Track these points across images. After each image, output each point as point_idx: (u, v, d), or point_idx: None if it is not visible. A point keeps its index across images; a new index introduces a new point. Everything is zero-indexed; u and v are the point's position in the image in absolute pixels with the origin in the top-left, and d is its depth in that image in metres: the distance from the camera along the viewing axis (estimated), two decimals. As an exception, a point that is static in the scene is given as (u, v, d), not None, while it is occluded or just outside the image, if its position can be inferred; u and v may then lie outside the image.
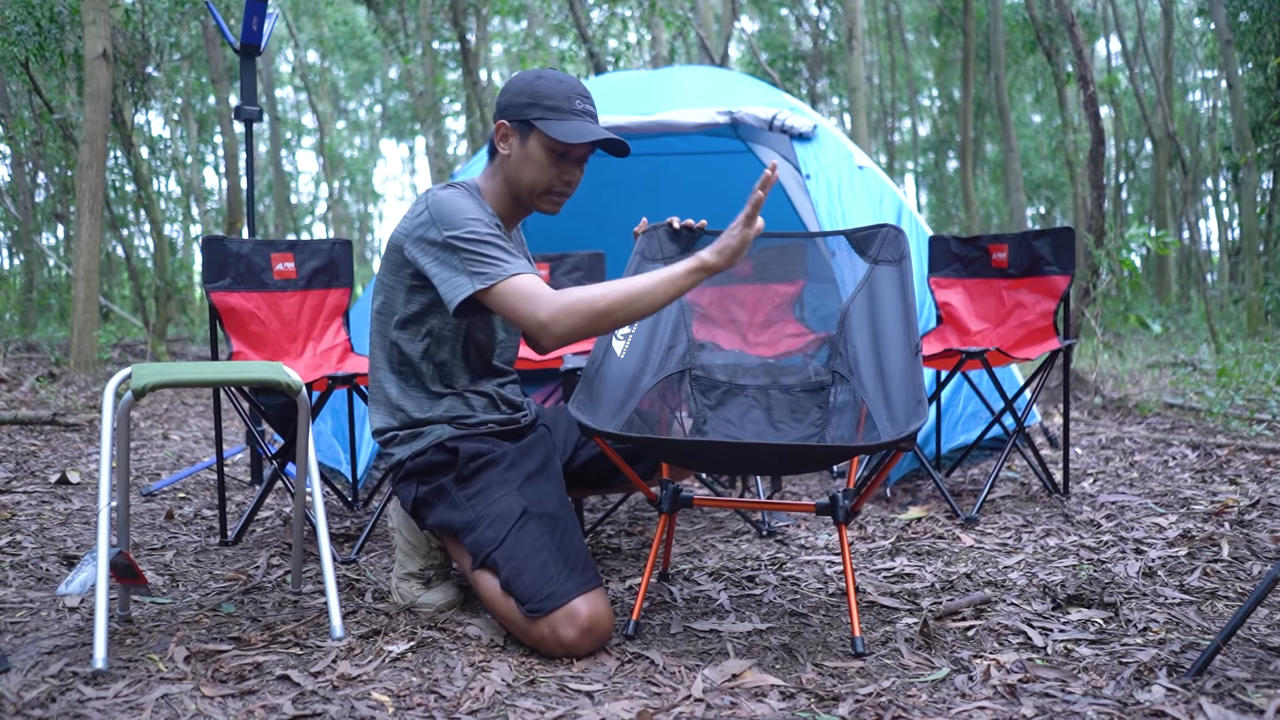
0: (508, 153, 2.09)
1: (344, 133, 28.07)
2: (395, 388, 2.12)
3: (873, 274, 2.27)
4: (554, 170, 2.07)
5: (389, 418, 2.13)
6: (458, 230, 1.95)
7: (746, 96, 4.81)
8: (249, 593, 2.32)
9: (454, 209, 1.99)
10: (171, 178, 14.43)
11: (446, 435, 2.07)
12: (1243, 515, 2.82)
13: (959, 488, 3.42)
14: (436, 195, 2.03)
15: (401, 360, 2.11)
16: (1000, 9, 15.50)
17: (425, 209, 2.01)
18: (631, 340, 2.19)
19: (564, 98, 2.05)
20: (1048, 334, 3.19)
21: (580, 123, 2.05)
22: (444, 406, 2.11)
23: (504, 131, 2.09)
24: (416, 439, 2.09)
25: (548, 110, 2.04)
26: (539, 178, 2.07)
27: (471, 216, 1.98)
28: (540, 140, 2.05)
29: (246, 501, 3.42)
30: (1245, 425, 4.32)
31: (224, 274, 2.83)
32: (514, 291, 1.90)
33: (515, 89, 2.08)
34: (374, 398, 2.17)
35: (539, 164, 2.06)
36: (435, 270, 1.96)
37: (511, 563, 1.89)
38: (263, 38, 3.60)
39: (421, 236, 1.99)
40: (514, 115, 2.06)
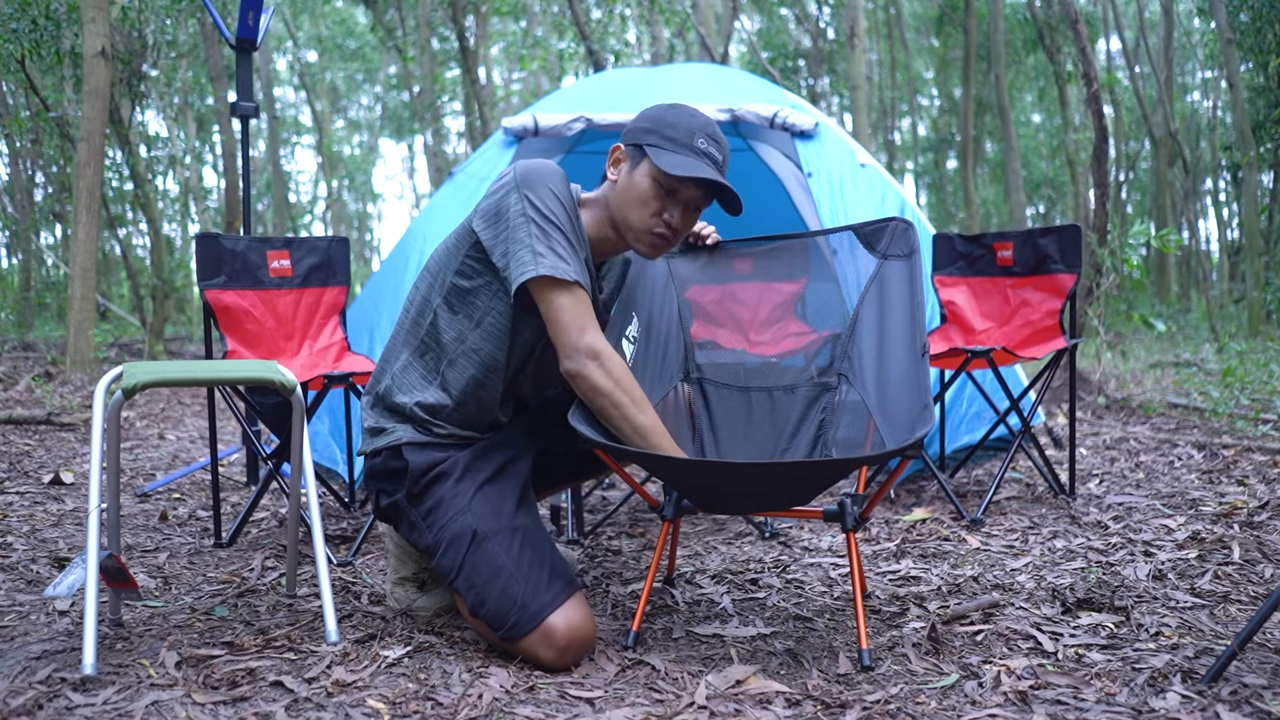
0: (615, 179, 1.96)
1: (342, 131, 28.03)
2: (409, 353, 1.98)
3: (882, 270, 2.23)
4: (656, 205, 1.91)
5: (377, 380, 2.01)
6: (536, 201, 1.81)
7: (747, 94, 4.77)
8: (243, 596, 2.27)
9: (542, 178, 1.84)
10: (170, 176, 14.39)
11: (404, 439, 1.94)
12: (1252, 517, 2.78)
13: (963, 488, 3.38)
14: (527, 161, 1.88)
15: (431, 330, 1.95)
16: (1001, 8, 15.46)
17: (511, 171, 1.87)
18: (639, 344, 2.15)
19: (686, 131, 1.90)
20: (1053, 333, 3.15)
21: (692, 159, 1.90)
22: (427, 395, 1.95)
23: (617, 155, 1.96)
24: (378, 436, 1.97)
25: (665, 140, 1.90)
26: (639, 212, 1.91)
27: (556, 194, 1.84)
28: (648, 170, 1.91)
29: (242, 502, 3.38)
30: (1251, 425, 4.28)
31: (218, 272, 2.79)
32: (571, 300, 1.79)
33: (644, 115, 1.95)
34: (385, 353, 2.03)
35: (641, 195, 1.91)
36: (502, 241, 1.81)
37: (473, 590, 1.80)
38: (259, 33, 3.56)
39: (497, 202, 1.84)
40: (631, 139, 1.94)
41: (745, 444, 2.21)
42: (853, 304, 2.32)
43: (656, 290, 2.29)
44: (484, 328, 1.95)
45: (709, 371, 2.31)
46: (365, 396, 2.05)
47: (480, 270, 1.91)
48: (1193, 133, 21.35)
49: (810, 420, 2.18)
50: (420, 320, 1.98)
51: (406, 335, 2.01)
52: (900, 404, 1.91)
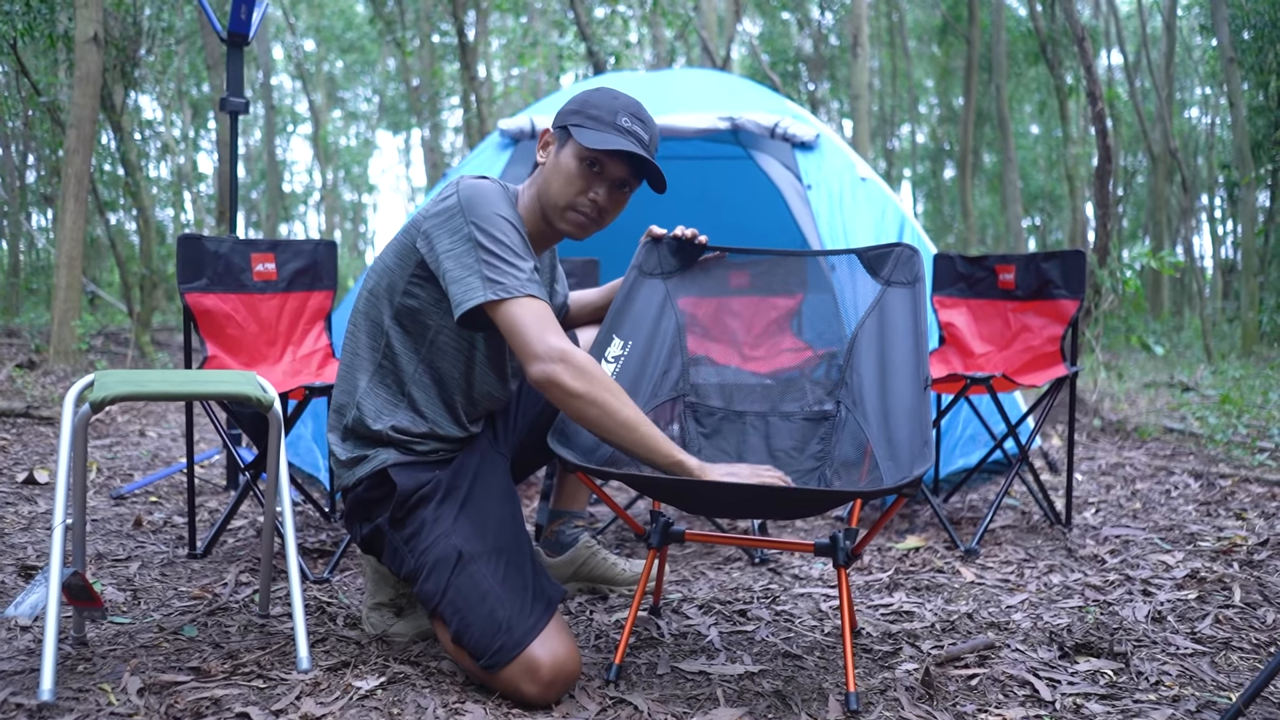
0: (544, 161, 1.94)
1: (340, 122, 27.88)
2: (366, 379, 1.91)
3: (884, 296, 2.16)
4: (581, 183, 1.89)
5: (341, 415, 1.94)
6: (485, 226, 1.77)
7: (748, 102, 4.70)
8: (214, 614, 2.20)
9: (486, 202, 1.80)
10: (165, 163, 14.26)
11: (390, 462, 1.88)
12: (1252, 555, 2.72)
13: (958, 514, 3.32)
14: (469, 183, 1.84)
15: (387, 353, 1.90)
16: (1004, 19, 15.44)
17: (454, 195, 1.82)
18: (623, 363, 2.07)
19: (609, 110, 1.88)
20: (1054, 360, 3.09)
21: (614, 135, 1.87)
22: (399, 418, 1.90)
23: (546, 139, 1.94)
24: (359, 465, 1.90)
25: (589, 119, 1.87)
26: (564, 190, 1.89)
27: (504, 217, 1.80)
28: (574, 149, 1.88)
29: (221, 508, 3.30)
30: (1248, 454, 4.23)
31: (200, 274, 2.71)
32: (528, 312, 1.73)
33: (572, 99, 1.93)
34: (340, 382, 1.96)
35: (567, 174, 1.89)
36: (449, 266, 1.77)
37: (458, 615, 1.73)
38: (251, 27, 3.48)
39: (442, 224, 1.80)
40: (558, 121, 1.92)
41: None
42: (851, 327, 2.26)
43: (652, 311, 2.22)
44: (438, 346, 1.90)
45: (704, 394, 2.24)
46: (332, 432, 1.97)
47: (427, 289, 1.86)
48: (1190, 149, 21.36)
49: (809, 450, 2.11)
50: (374, 344, 1.92)
51: (361, 360, 1.93)
52: (900, 437, 1.84)
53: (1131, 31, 20.24)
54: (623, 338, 2.11)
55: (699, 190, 5.92)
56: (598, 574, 2.37)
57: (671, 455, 1.75)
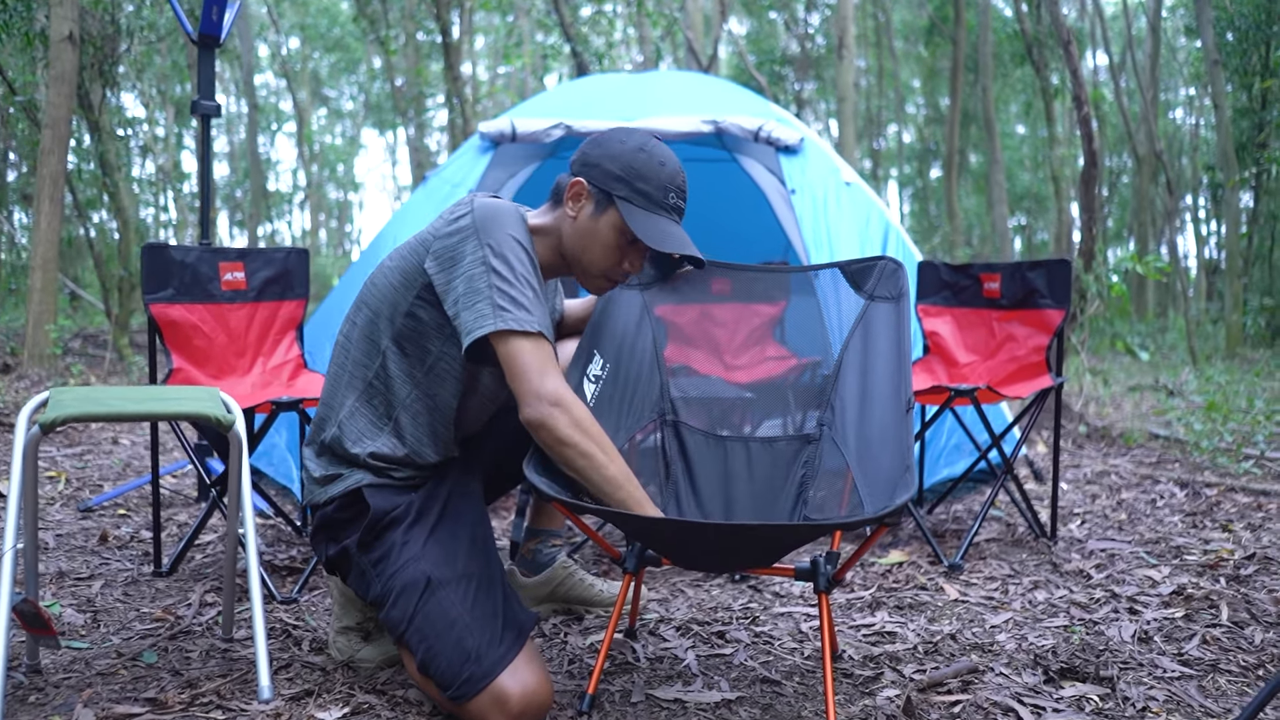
0: (574, 216, 1.85)
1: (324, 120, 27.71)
2: (354, 398, 1.84)
3: (868, 312, 2.11)
4: (618, 255, 1.85)
5: (320, 429, 1.88)
6: (501, 251, 1.69)
7: (732, 105, 4.65)
8: (175, 638, 2.13)
9: (503, 224, 1.72)
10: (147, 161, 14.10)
11: (364, 482, 1.82)
12: (1238, 570, 2.69)
13: (942, 527, 3.28)
14: (484, 203, 1.76)
15: (381, 374, 1.82)
16: (990, 20, 15.44)
17: (469, 214, 1.74)
18: (603, 384, 2.01)
19: (659, 187, 1.81)
20: (1039, 370, 3.05)
21: (668, 223, 1.82)
22: (379, 444, 1.83)
23: (579, 191, 1.84)
24: (331, 483, 1.84)
25: (637, 194, 1.80)
26: (600, 259, 1.85)
27: (520, 242, 1.73)
28: (616, 222, 1.82)
29: (190, 521, 3.23)
30: (1233, 462, 4.20)
31: (166, 284, 2.63)
32: (534, 350, 1.67)
33: (611, 152, 1.83)
34: (325, 397, 1.89)
35: (605, 245, 1.83)
36: (461, 291, 1.69)
37: (425, 643, 1.67)
38: (223, 29, 3.40)
39: (453, 246, 1.71)
40: (598, 181, 1.82)
41: (721, 499, 2.07)
42: (835, 343, 2.20)
43: (629, 327, 2.16)
44: (437, 373, 1.83)
45: (685, 414, 2.18)
46: (308, 446, 1.90)
47: (432, 312, 1.78)
48: (1175, 150, 21.45)
49: (792, 476, 2.05)
50: (367, 362, 1.84)
51: (350, 378, 1.86)
52: (881, 463, 1.79)
53: (1117, 32, 20.30)
54: (603, 356, 2.06)
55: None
56: (574, 595, 2.31)
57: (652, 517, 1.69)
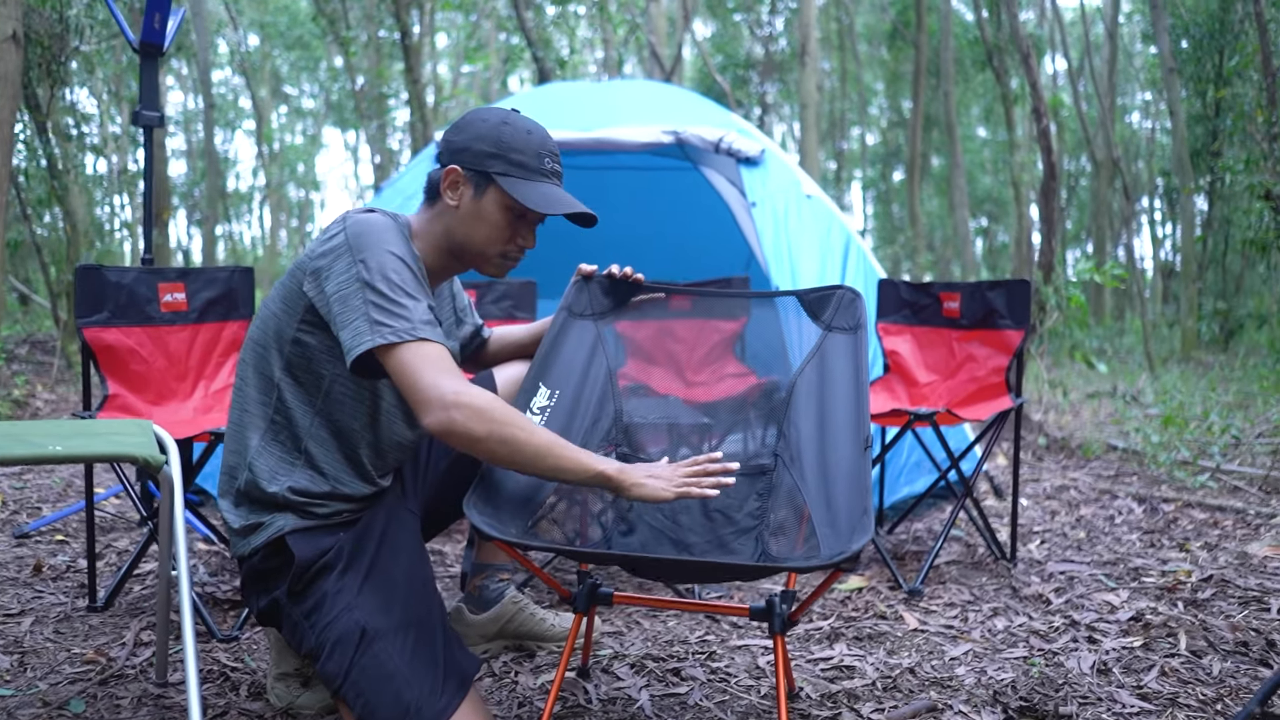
0: (455, 204, 1.79)
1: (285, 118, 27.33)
2: (259, 437, 1.76)
3: (825, 343, 2.06)
4: (509, 232, 1.80)
5: (232, 477, 1.79)
6: (375, 266, 1.63)
7: (693, 115, 4.61)
8: (106, 683, 2.03)
9: (376, 239, 1.66)
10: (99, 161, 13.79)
11: (287, 528, 1.73)
12: (1196, 593, 2.68)
13: (902, 547, 3.25)
14: (357, 219, 1.70)
15: (280, 407, 1.76)
16: (951, 26, 15.55)
17: (342, 232, 1.68)
18: (549, 415, 1.94)
19: (533, 154, 1.77)
20: (999, 391, 3.03)
21: (549, 186, 1.79)
22: (296, 478, 1.75)
23: (454, 179, 1.78)
24: (254, 533, 1.75)
25: (514, 166, 1.76)
26: (491, 239, 1.79)
27: (395, 254, 1.66)
28: (500, 199, 1.77)
29: (131, 548, 3.11)
30: (1189, 475, 4.22)
31: (100, 307, 2.52)
32: (421, 357, 1.59)
33: (476, 132, 1.78)
34: (229, 442, 1.81)
35: (493, 224, 1.78)
36: (338, 310, 1.63)
37: (361, 698, 1.59)
38: (166, 37, 3.29)
39: (329, 265, 1.65)
40: (471, 163, 1.77)
41: (674, 528, 2.01)
42: (791, 371, 2.15)
43: (581, 356, 2.10)
44: (334, 397, 1.76)
45: (637, 443, 2.12)
46: (223, 498, 1.81)
47: (318, 335, 1.71)
48: (1131, 153, 21.76)
49: (745, 507, 1.99)
50: (264, 398, 1.76)
51: (251, 417, 1.77)
52: (839, 502, 1.74)
53: (1075, 38, 20.54)
54: (550, 386, 1.99)
55: (645, 199, 5.82)
56: (525, 631, 2.25)
57: (590, 469, 1.61)
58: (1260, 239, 7.92)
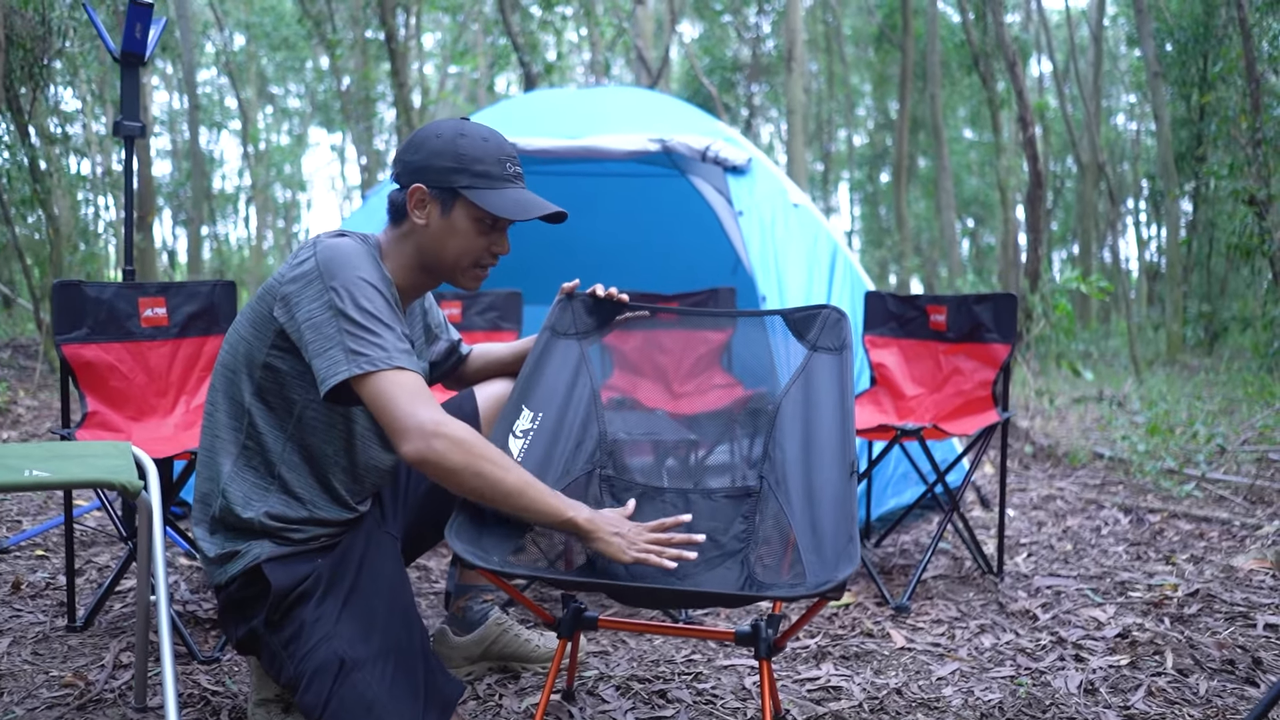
0: (424, 222, 1.77)
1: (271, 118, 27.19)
2: (230, 463, 1.74)
3: (810, 363, 2.05)
4: (482, 242, 1.80)
5: (206, 504, 1.77)
6: (348, 293, 1.62)
7: (680, 123, 4.59)
8: (84, 707, 2.00)
9: (347, 265, 1.65)
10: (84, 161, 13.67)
11: (264, 556, 1.71)
12: (1182, 608, 2.68)
13: (889, 561, 3.24)
14: (328, 244, 1.69)
15: (251, 433, 1.74)
16: (938, 29, 15.59)
17: (312, 258, 1.66)
18: (532, 438, 1.93)
19: (495, 162, 1.77)
20: (986, 404, 3.02)
21: (516, 191, 1.79)
22: (271, 503, 1.74)
23: (420, 197, 1.76)
24: (230, 561, 1.72)
25: (477, 177, 1.75)
26: (465, 251, 1.79)
27: (367, 280, 1.65)
28: (469, 211, 1.76)
29: (113, 563, 3.07)
30: (1175, 485, 4.23)
31: (79, 323, 2.49)
32: (396, 385, 1.58)
33: (434, 149, 1.76)
34: (201, 469, 1.78)
35: (465, 237, 1.77)
36: (310, 338, 1.62)
37: None
38: (147, 47, 3.25)
39: (300, 290, 1.64)
40: (435, 181, 1.75)
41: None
42: (776, 390, 2.14)
43: (565, 376, 2.08)
44: (306, 422, 1.74)
45: (621, 466, 2.10)
46: (197, 526, 1.79)
47: (289, 360, 1.70)
48: (1117, 156, 21.86)
49: (731, 530, 1.98)
50: (236, 423, 1.74)
51: (223, 443, 1.75)
52: (825, 529, 1.72)
53: (1061, 40, 20.63)
54: (533, 409, 1.97)
55: (632, 206, 5.80)
56: (509, 652, 2.23)
57: (561, 515, 1.64)
58: (1244, 244, 7.95)
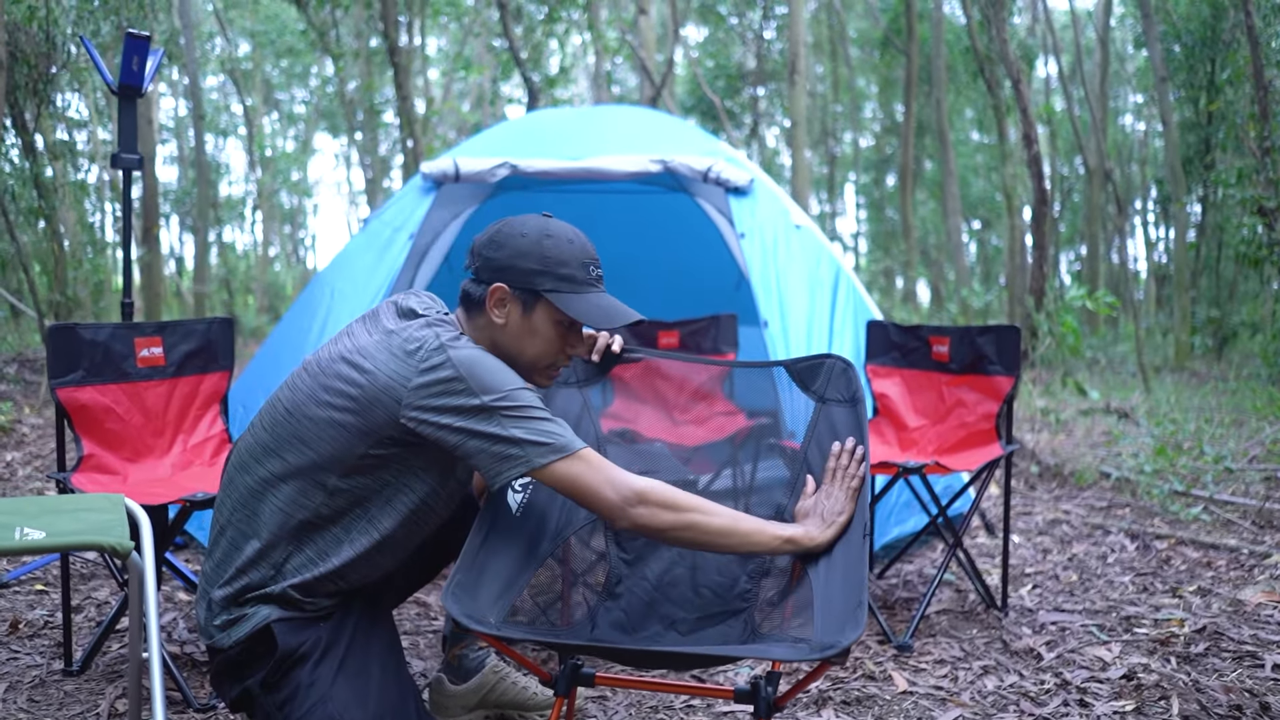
0: (503, 322, 1.80)
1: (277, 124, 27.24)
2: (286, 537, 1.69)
3: (825, 416, 2.01)
4: (561, 344, 1.84)
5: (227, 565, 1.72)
6: (507, 399, 1.65)
7: (681, 143, 4.57)
8: (78, 763, 1.99)
9: (493, 369, 1.68)
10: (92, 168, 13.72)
11: (272, 618, 1.69)
12: (1189, 647, 2.65)
13: (892, 594, 3.21)
14: (462, 354, 1.67)
15: (322, 512, 1.70)
16: (943, 34, 15.54)
17: (447, 365, 1.64)
18: (532, 490, 1.90)
19: (579, 265, 1.79)
20: (989, 438, 2.99)
21: (598, 296, 1.82)
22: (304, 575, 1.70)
23: (501, 296, 1.78)
24: (235, 626, 1.70)
25: (561, 280, 1.78)
26: (544, 352, 1.83)
27: (516, 384, 1.69)
28: (550, 314, 1.79)
29: (112, 600, 3.06)
30: (1183, 508, 4.19)
31: (75, 366, 2.47)
32: (587, 466, 1.66)
33: (518, 248, 1.77)
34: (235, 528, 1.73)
35: (545, 338, 1.81)
36: (470, 441, 1.63)
37: None
38: (145, 79, 3.24)
39: (444, 395, 1.63)
40: (518, 281, 1.77)
41: (665, 605, 1.96)
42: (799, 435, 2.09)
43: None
44: (393, 506, 1.74)
45: None
46: (216, 586, 1.73)
47: (397, 452, 1.70)
48: (1124, 157, 21.76)
49: (736, 586, 1.94)
50: (304, 501, 1.70)
51: (282, 518, 1.70)
52: (835, 590, 1.69)
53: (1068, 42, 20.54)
54: None
55: (636, 222, 5.78)
56: (507, 700, 2.21)
57: (778, 536, 1.74)
58: (1253, 255, 7.89)
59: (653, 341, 4.09)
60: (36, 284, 8.80)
